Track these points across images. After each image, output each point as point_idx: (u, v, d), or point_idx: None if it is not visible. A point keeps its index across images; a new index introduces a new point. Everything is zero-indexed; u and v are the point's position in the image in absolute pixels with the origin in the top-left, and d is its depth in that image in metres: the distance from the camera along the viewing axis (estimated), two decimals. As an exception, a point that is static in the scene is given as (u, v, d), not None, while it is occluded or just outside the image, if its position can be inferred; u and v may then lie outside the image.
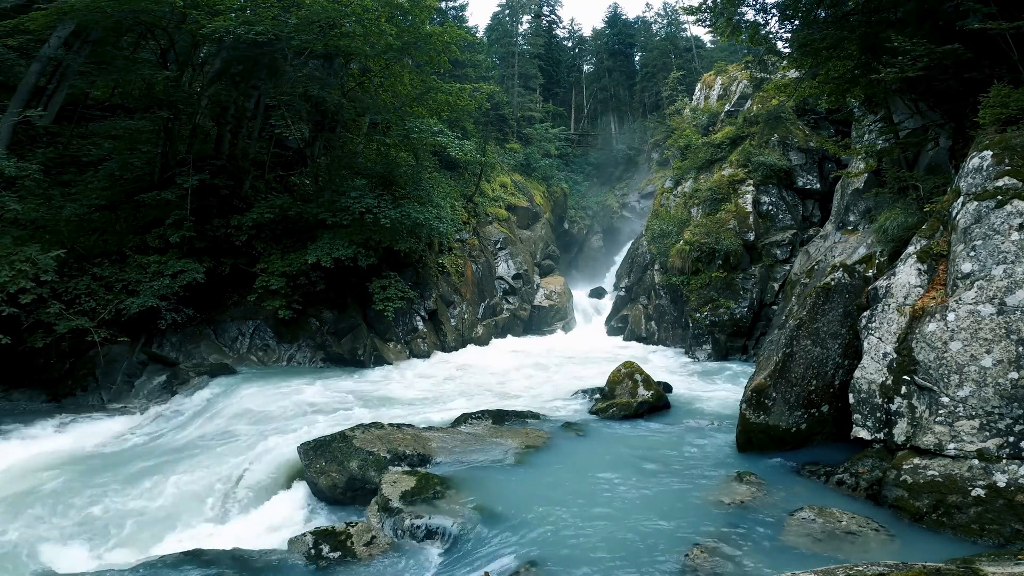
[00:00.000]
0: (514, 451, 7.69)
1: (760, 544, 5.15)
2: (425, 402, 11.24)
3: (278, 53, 14.39)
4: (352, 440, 7.43)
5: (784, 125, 18.60)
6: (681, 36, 43.76)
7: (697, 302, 16.74)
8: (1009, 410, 5.45)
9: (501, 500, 6.13)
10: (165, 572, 5.24)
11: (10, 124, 11.74)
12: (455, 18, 35.80)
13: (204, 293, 13.29)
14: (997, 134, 6.77)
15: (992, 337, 5.67)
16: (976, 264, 6.02)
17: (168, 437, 9.58)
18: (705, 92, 25.84)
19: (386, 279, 15.24)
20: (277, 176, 17.09)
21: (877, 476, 6.08)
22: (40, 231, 11.57)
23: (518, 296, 23.33)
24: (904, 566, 3.44)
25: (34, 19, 11.37)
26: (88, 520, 6.57)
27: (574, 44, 52.37)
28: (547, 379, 13.69)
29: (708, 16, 11.82)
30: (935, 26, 8.55)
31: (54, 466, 8.12)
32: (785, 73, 15.58)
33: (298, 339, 14.53)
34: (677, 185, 21.30)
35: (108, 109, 16.32)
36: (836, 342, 7.58)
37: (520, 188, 28.81)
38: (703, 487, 6.46)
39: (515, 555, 5.07)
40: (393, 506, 6.05)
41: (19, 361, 11.11)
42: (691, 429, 8.92)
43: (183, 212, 13.29)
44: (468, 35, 24.61)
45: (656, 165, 34.46)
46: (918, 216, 8.78)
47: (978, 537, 5.10)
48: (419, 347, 16.37)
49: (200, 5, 12.76)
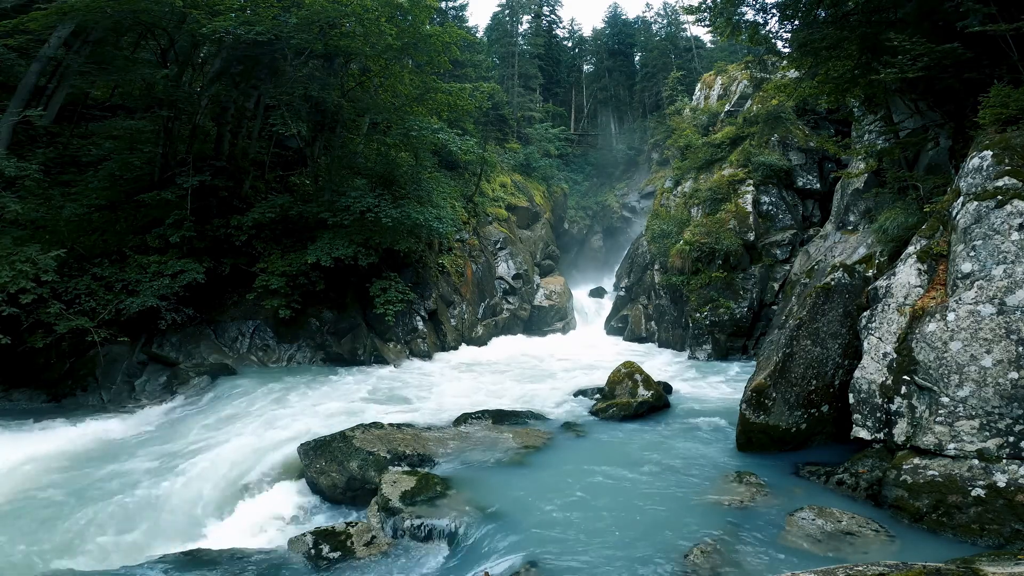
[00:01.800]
0: (514, 451, 7.69)
1: (760, 544, 5.15)
2: (425, 402, 11.24)
3: (278, 53, 14.39)
4: (352, 440, 7.44)
5: (784, 125, 18.61)
6: (681, 36, 43.75)
7: (697, 302, 16.74)
8: (1009, 410, 5.45)
9: (501, 500, 6.13)
10: (165, 572, 5.24)
11: (10, 124, 11.74)
12: (455, 18, 35.81)
13: (204, 293, 13.29)
14: (997, 134, 6.77)
15: (992, 337, 5.67)
16: (976, 264, 6.02)
17: (168, 437, 9.56)
18: (705, 92, 25.83)
19: (386, 280, 15.24)
20: (277, 176, 17.09)
21: (877, 476, 6.08)
22: (40, 231, 11.57)
23: (518, 296, 23.33)
24: (904, 566, 3.44)
25: (34, 19, 11.37)
26: (88, 520, 6.56)
27: (574, 44, 52.36)
28: (547, 379, 13.69)
29: (708, 16, 11.83)
30: (935, 26, 8.55)
31: (54, 466, 8.11)
32: (785, 73, 15.58)
33: (298, 339, 14.53)
34: (677, 185, 21.31)
35: (108, 109, 16.32)
36: (836, 342, 7.59)
37: (520, 188, 28.81)
38: (703, 487, 6.46)
39: (515, 555, 5.07)
40: (393, 506, 6.05)
41: (19, 361, 11.11)
42: (691, 429, 8.92)
43: (183, 212, 13.29)
44: (468, 35, 24.58)
45: (656, 165, 34.47)
46: (918, 216, 8.78)
47: (978, 537, 5.10)
48: (419, 347, 16.36)
49: (200, 5, 12.76)
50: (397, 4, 14.77)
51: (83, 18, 11.88)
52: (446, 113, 18.89)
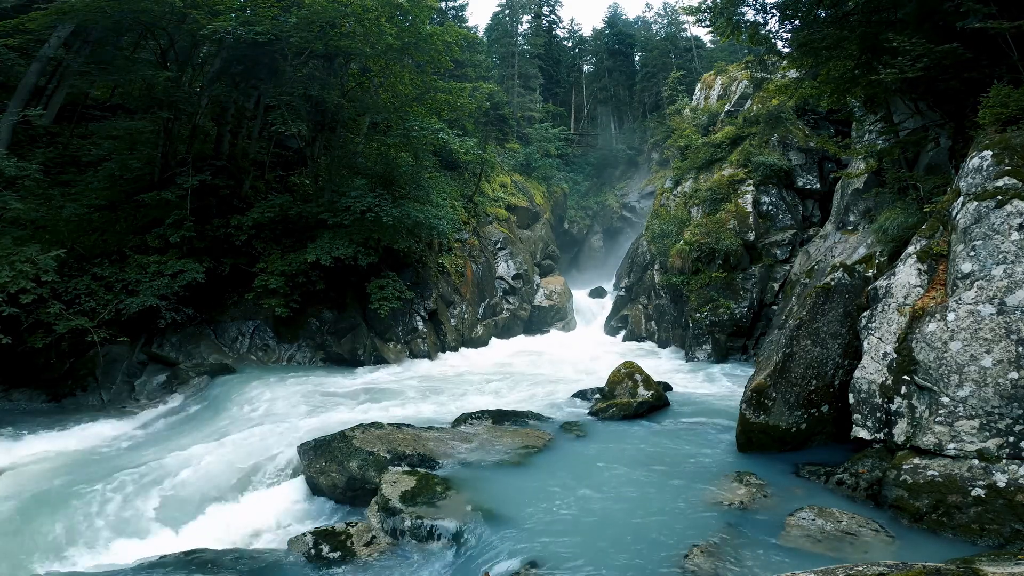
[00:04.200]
0: (514, 451, 7.69)
1: (760, 544, 5.15)
2: (425, 402, 11.23)
3: (278, 53, 14.40)
4: (352, 440, 7.43)
5: (784, 125, 18.60)
6: (681, 36, 43.75)
7: (697, 302, 16.74)
8: (1009, 410, 5.45)
9: (501, 500, 6.13)
10: (165, 572, 5.24)
11: (10, 124, 11.74)
12: (455, 18, 35.81)
13: (204, 293, 13.29)
14: (997, 134, 6.77)
15: (992, 337, 5.67)
16: (976, 264, 6.02)
17: (168, 437, 9.58)
18: (705, 92, 25.83)
19: (384, 279, 15.24)
20: (277, 176, 17.09)
21: (877, 476, 6.08)
22: (40, 231, 11.57)
23: (518, 296, 23.33)
24: (904, 566, 3.44)
25: (34, 19, 11.38)
26: (88, 520, 6.57)
27: (574, 44, 52.37)
28: (547, 379, 13.68)
29: (708, 16, 11.82)
30: (935, 26, 8.55)
31: (54, 466, 8.12)
32: (785, 73, 15.58)
33: (298, 339, 14.53)
34: (677, 185, 21.30)
35: (108, 109, 16.32)
36: (836, 342, 7.58)
37: (520, 188, 28.81)
38: (703, 487, 6.45)
39: (515, 555, 5.06)
40: (393, 506, 6.05)
41: (19, 361, 11.11)
42: (691, 429, 8.91)
43: (183, 212, 13.29)
44: (469, 35, 24.58)
45: (656, 165, 34.47)
46: (918, 216, 8.77)
47: (978, 537, 5.10)
48: (419, 347, 16.36)
49: (200, 5, 12.76)
50: (397, 4, 14.77)
51: (83, 18, 11.88)
52: (446, 113, 18.89)
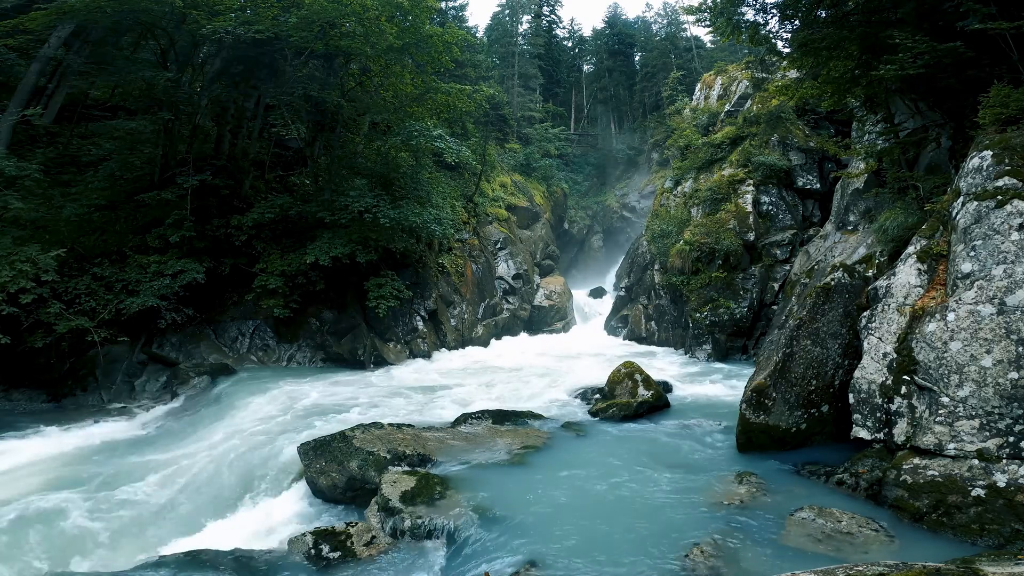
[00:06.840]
0: (514, 451, 7.69)
1: (760, 544, 5.15)
2: (425, 402, 11.23)
3: (278, 53, 14.40)
4: (352, 440, 7.43)
5: (784, 125, 18.59)
6: (681, 36, 43.77)
7: (697, 302, 16.73)
8: (1009, 410, 5.45)
9: (501, 500, 6.13)
10: (165, 572, 5.23)
11: (10, 124, 11.74)
12: (455, 18, 35.82)
13: (204, 293, 13.29)
14: (997, 134, 6.77)
15: (992, 337, 5.67)
16: (976, 264, 6.02)
17: (168, 438, 9.58)
18: (705, 92, 25.83)
19: (383, 278, 15.22)
20: (277, 176, 17.09)
21: (877, 476, 6.08)
22: (40, 231, 11.57)
23: (518, 296, 23.33)
24: (904, 566, 3.44)
25: (34, 19, 11.38)
26: (88, 520, 6.57)
27: (574, 44, 52.39)
28: (547, 379, 13.67)
29: (708, 16, 11.83)
30: (935, 26, 8.55)
31: (54, 467, 8.12)
32: (785, 73, 15.58)
33: (298, 339, 14.53)
34: (677, 185, 21.30)
35: (108, 109, 16.32)
36: (836, 342, 7.58)
37: (520, 188, 28.80)
38: (703, 487, 6.45)
39: (515, 555, 5.07)
40: (393, 506, 6.05)
41: (19, 361, 11.11)
42: (691, 429, 8.91)
43: (183, 212, 13.29)
44: (469, 35, 24.61)
45: (656, 165, 34.46)
46: (918, 216, 8.78)
47: (978, 537, 5.10)
48: (419, 347, 16.36)
49: (200, 5, 12.77)
50: (397, 4, 14.77)
51: (83, 18, 11.88)
52: (445, 114, 18.89)
